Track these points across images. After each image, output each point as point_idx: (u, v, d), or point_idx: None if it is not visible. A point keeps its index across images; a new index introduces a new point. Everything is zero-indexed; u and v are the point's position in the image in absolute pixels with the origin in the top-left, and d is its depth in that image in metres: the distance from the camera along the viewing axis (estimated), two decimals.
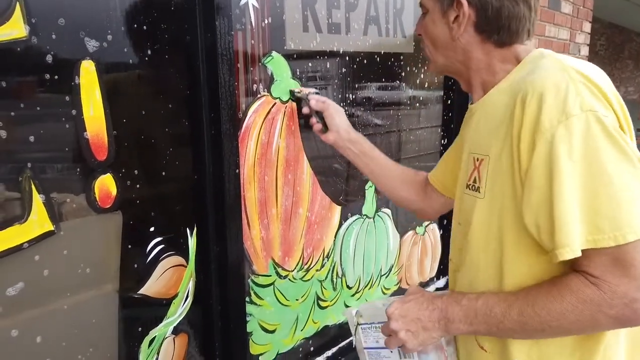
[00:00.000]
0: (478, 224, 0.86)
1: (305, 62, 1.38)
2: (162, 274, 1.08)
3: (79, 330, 0.96)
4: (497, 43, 0.88)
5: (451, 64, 0.94)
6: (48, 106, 0.89)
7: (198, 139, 1.11)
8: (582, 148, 0.72)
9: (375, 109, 1.70)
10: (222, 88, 1.08)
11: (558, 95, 0.74)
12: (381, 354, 0.92)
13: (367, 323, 0.94)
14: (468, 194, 0.89)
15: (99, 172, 0.94)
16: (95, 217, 0.95)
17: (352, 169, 1.63)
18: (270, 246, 1.34)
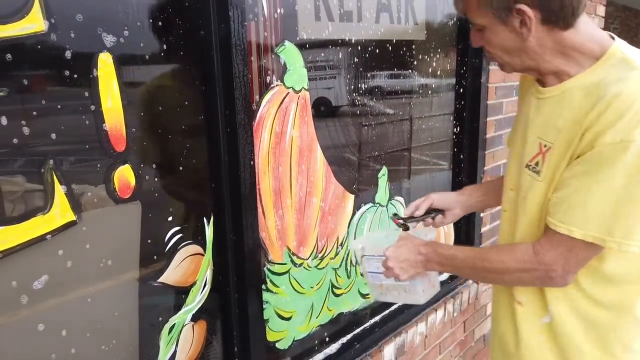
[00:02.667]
0: (534, 203, 0.99)
1: (317, 51, 1.39)
2: (180, 262, 1.10)
3: (101, 320, 0.98)
4: (563, 26, 0.91)
5: (527, 63, 0.97)
6: (67, 99, 0.90)
7: (213, 130, 1.12)
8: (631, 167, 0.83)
9: (387, 97, 1.70)
10: (236, 79, 1.09)
11: (632, 120, 0.82)
12: (380, 277, 1.18)
13: (370, 255, 1.22)
14: (527, 173, 1.00)
15: (118, 163, 0.96)
16: (115, 208, 0.97)
17: (365, 158, 1.64)
18: (285, 235, 1.35)
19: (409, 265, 1.11)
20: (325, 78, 1.46)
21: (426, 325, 1.85)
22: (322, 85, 1.44)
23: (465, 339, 2.16)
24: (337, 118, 1.55)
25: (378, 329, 1.67)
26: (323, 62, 1.43)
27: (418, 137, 1.90)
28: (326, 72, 1.45)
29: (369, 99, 1.61)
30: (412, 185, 1.91)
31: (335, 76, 1.49)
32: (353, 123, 1.58)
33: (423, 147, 1.94)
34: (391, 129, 1.75)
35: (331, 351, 1.52)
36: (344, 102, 1.54)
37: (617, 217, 0.86)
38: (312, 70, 1.36)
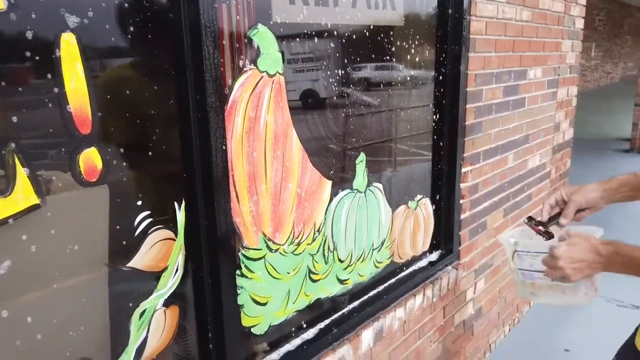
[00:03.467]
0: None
1: (292, 35, 1.37)
2: (150, 247, 1.09)
3: (69, 306, 0.97)
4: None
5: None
6: (29, 80, 0.89)
7: (184, 112, 1.10)
8: None
9: (364, 84, 1.70)
10: (206, 61, 1.08)
11: None
12: (534, 275, 1.12)
13: (523, 251, 1.14)
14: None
15: (84, 145, 0.95)
16: (81, 191, 0.96)
17: (342, 144, 1.64)
18: (261, 220, 1.35)
19: (584, 267, 1.03)
20: (299, 62, 1.45)
21: (405, 311, 1.87)
22: (297, 71, 1.44)
23: (444, 325, 2.18)
24: (314, 107, 1.54)
25: (356, 314, 1.68)
26: (298, 46, 1.41)
27: (396, 124, 1.90)
28: (303, 56, 1.44)
29: (345, 85, 1.60)
30: (391, 171, 1.91)
31: (310, 62, 1.48)
32: (330, 109, 1.58)
33: (402, 133, 1.94)
34: (369, 116, 1.75)
35: (309, 336, 1.53)
36: (320, 88, 1.53)
37: None
38: (288, 54, 1.35)
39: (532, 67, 2.62)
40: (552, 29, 2.75)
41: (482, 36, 2.12)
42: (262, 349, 1.43)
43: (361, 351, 1.66)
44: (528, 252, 1.12)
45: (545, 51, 2.73)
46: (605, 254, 1.01)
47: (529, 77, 2.62)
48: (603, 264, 1.02)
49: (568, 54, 3.04)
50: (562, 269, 1.03)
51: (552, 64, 2.86)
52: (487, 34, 2.16)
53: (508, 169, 2.58)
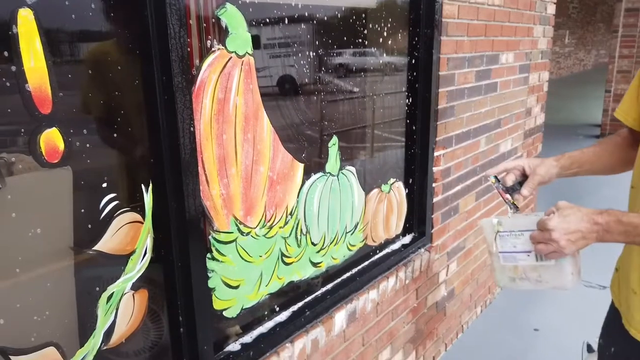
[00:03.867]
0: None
1: (261, 14, 1.35)
2: (117, 230, 1.07)
3: (32, 290, 0.95)
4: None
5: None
6: None
7: (150, 93, 1.08)
8: None
9: (336, 67, 1.69)
10: (172, 40, 1.06)
11: None
12: (517, 257, 1.06)
13: (506, 231, 1.07)
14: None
15: (45, 126, 0.92)
16: (43, 173, 0.93)
17: (314, 127, 1.63)
18: (232, 204, 1.34)
19: (579, 237, 0.98)
20: (270, 46, 1.44)
21: (378, 293, 1.89)
22: (268, 53, 1.42)
23: (417, 306, 2.22)
24: (284, 88, 1.53)
25: (330, 296, 1.69)
26: (268, 26, 1.40)
27: (370, 108, 1.91)
28: (273, 36, 1.43)
29: (318, 69, 1.59)
30: (365, 155, 1.92)
31: (286, 47, 1.47)
32: (302, 93, 1.57)
33: (376, 117, 1.94)
34: (342, 100, 1.75)
35: (281, 319, 1.54)
36: (295, 73, 1.52)
37: None
38: (257, 35, 1.33)
39: (504, 51, 2.65)
40: (524, 14, 2.79)
41: (454, 20, 2.13)
42: (234, 331, 1.43)
43: (334, 333, 1.68)
44: (511, 232, 1.06)
45: (517, 36, 2.76)
46: (603, 222, 0.97)
47: (501, 62, 2.65)
48: (598, 233, 0.97)
49: (540, 39, 3.08)
50: (556, 241, 0.98)
51: (524, 49, 2.89)
52: (459, 18, 2.17)
53: (480, 153, 2.62)
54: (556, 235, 0.98)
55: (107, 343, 1.09)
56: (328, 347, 1.67)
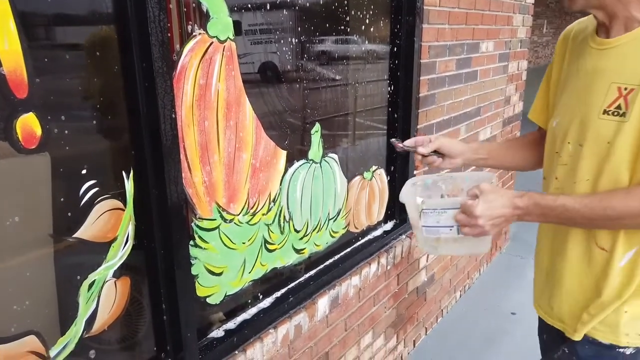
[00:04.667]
0: (624, 145, 0.99)
1: (247, 4, 1.34)
2: (97, 217, 1.06)
3: (12, 278, 0.94)
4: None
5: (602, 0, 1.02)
6: None
7: (130, 77, 1.06)
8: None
9: (321, 56, 1.68)
10: (151, 24, 1.04)
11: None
12: (440, 230, 1.11)
13: (430, 209, 1.11)
14: (606, 119, 1.01)
15: (21, 110, 0.90)
16: (19, 159, 0.91)
17: (297, 115, 1.63)
18: (214, 191, 1.33)
19: (502, 221, 1.05)
20: (252, 32, 1.42)
21: (360, 279, 1.91)
22: (249, 40, 1.41)
23: (399, 291, 2.26)
24: (266, 75, 1.52)
25: (312, 282, 1.70)
26: (249, 10, 1.38)
27: (352, 96, 1.91)
28: (258, 28, 1.41)
29: (300, 56, 1.58)
30: (347, 142, 1.92)
31: (268, 33, 1.45)
32: (285, 81, 1.56)
33: (358, 105, 1.95)
34: (325, 87, 1.74)
35: (265, 305, 1.54)
36: (273, 58, 1.51)
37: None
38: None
39: (484, 40, 2.67)
40: (504, 2, 2.81)
41: (436, 7, 2.14)
42: (218, 318, 1.43)
43: (317, 318, 1.70)
44: (435, 210, 1.10)
45: (497, 25, 2.79)
46: (523, 206, 1.03)
47: (481, 50, 2.67)
48: (519, 216, 1.05)
49: (519, 28, 3.12)
50: (481, 227, 1.03)
51: (504, 37, 2.92)
52: (440, 6, 2.17)
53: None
54: (481, 222, 1.03)
55: (89, 331, 1.08)
56: (311, 332, 1.69)
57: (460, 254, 1.19)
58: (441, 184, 1.28)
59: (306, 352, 1.68)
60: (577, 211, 1.00)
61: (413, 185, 1.27)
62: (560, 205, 1.01)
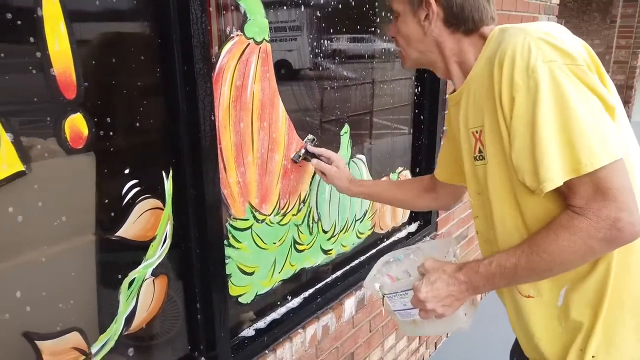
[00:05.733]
0: (493, 187, 0.96)
1: (282, 6, 1.34)
2: (138, 216, 1.07)
3: (58, 277, 0.95)
4: (465, 32, 0.98)
5: (425, 56, 1.04)
6: (11, 41, 0.84)
7: (171, 79, 1.07)
8: (549, 93, 0.82)
9: (350, 56, 1.68)
10: (194, 25, 1.05)
11: (523, 54, 0.84)
12: (411, 312, 1.05)
13: (391, 293, 1.07)
14: (478, 164, 0.99)
15: (69, 111, 0.91)
16: (67, 158, 0.93)
17: (326, 116, 1.63)
18: (248, 191, 1.34)
19: (453, 300, 0.96)
20: (286, 40, 1.43)
21: None
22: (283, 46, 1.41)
23: None
24: (297, 78, 1.52)
25: (339, 283, 1.71)
26: (285, 13, 1.38)
27: (379, 96, 1.90)
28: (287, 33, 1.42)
29: (330, 57, 1.58)
30: (373, 143, 1.92)
31: (296, 36, 1.46)
32: (316, 85, 1.56)
33: (385, 106, 1.94)
34: (353, 88, 1.74)
35: (293, 305, 1.55)
36: (305, 61, 1.51)
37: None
38: (272, 30, 1.32)
39: None
40: (529, 3, 2.78)
41: None
42: (248, 317, 1.44)
43: (344, 319, 1.70)
44: (396, 293, 1.05)
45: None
46: (465, 279, 0.94)
47: None
48: (470, 290, 0.95)
49: None
50: (433, 310, 0.96)
51: None
52: None
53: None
54: (430, 305, 0.96)
55: (127, 328, 1.09)
56: (337, 332, 1.69)
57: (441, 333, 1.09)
58: (414, 257, 1.20)
59: (332, 352, 1.68)
60: (513, 267, 0.89)
61: (386, 263, 1.21)
62: (497, 266, 0.91)
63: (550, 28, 0.90)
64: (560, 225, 0.84)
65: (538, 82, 0.82)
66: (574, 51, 0.85)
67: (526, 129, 0.84)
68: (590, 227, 0.81)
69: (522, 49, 0.84)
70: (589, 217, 0.81)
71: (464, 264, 0.97)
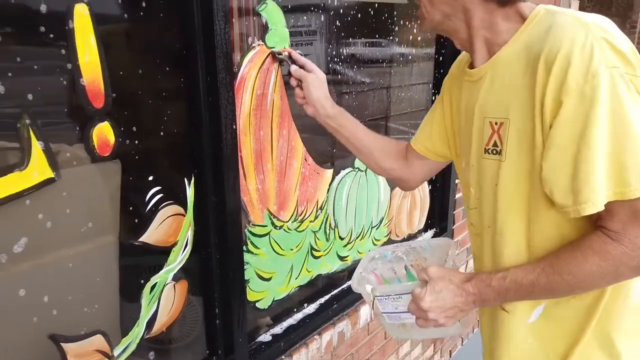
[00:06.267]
0: (505, 186, 0.88)
1: (299, 11, 1.36)
2: (161, 222, 1.09)
3: (83, 281, 0.98)
4: (500, 2, 0.85)
5: (447, 21, 0.91)
6: (43, 53, 0.87)
7: (194, 88, 1.10)
8: (608, 104, 0.73)
9: (367, 64, 1.69)
10: (217, 36, 1.07)
11: (583, 54, 0.74)
12: (401, 316, 1.00)
13: (383, 295, 1.01)
14: (488, 158, 0.91)
15: (97, 119, 0.94)
16: (94, 166, 0.96)
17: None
18: (266, 198, 1.36)
19: (457, 311, 0.90)
20: (303, 44, 1.44)
21: None
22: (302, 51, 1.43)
23: None
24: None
25: None
26: (305, 22, 1.40)
27: (397, 103, 1.91)
28: (308, 32, 1.43)
29: (348, 65, 1.60)
30: None
31: (312, 40, 1.47)
32: (332, 90, 1.58)
33: (402, 112, 1.95)
34: (371, 96, 1.75)
35: (310, 311, 1.56)
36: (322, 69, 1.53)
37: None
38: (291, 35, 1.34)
39: None
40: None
41: None
42: (265, 323, 1.45)
43: (359, 325, 1.71)
44: (388, 296, 1.00)
45: None
46: (475, 291, 0.88)
47: None
48: (477, 302, 0.90)
49: None
50: (434, 320, 0.91)
51: None
52: None
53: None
54: (433, 315, 0.90)
55: (149, 332, 1.12)
56: (353, 339, 1.70)
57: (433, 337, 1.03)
58: (402, 255, 1.15)
59: (348, 358, 1.69)
60: (532, 284, 0.84)
61: (372, 259, 1.16)
62: (512, 282, 0.85)
63: (608, 24, 0.79)
64: (590, 249, 0.78)
65: (597, 89, 0.73)
66: (634, 58, 0.76)
67: (571, 140, 0.75)
68: (624, 254, 0.76)
69: (582, 48, 0.74)
70: (624, 245, 0.76)
71: (472, 274, 0.92)
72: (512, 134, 0.85)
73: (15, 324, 0.88)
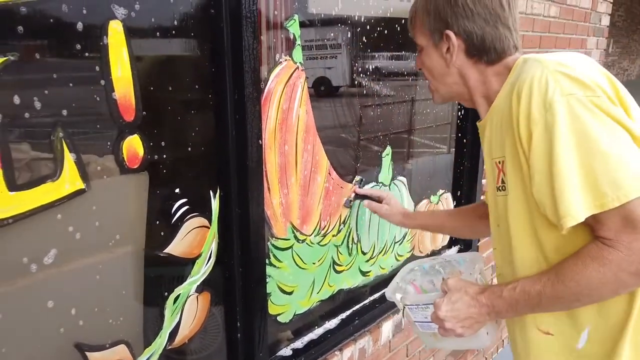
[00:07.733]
0: (513, 219, 0.95)
1: (326, 27, 1.37)
2: (186, 234, 1.11)
3: (109, 291, 0.99)
4: (488, 62, 0.98)
5: (452, 89, 1.04)
6: (77, 67, 0.90)
7: (222, 103, 1.11)
8: (568, 127, 0.80)
9: (392, 78, 1.69)
10: (245, 51, 1.08)
11: (540, 88, 0.84)
12: (432, 325, 1.04)
13: (413, 305, 1.08)
14: (499, 195, 0.98)
15: (127, 132, 0.96)
16: (123, 177, 0.98)
17: (368, 138, 1.64)
18: (290, 211, 1.36)
19: (473, 322, 0.95)
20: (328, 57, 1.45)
21: None
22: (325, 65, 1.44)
23: None
24: (339, 98, 1.54)
25: (377, 305, 1.69)
26: (332, 38, 1.41)
27: (421, 119, 1.90)
28: (334, 48, 1.44)
29: (373, 79, 1.60)
30: (414, 165, 1.91)
31: (337, 55, 1.48)
32: (357, 103, 1.58)
33: (427, 129, 1.94)
34: (396, 110, 1.75)
35: (331, 326, 1.55)
36: (347, 82, 1.54)
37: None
38: (316, 49, 1.35)
39: None
40: (578, 25, 2.72)
41: None
42: (286, 336, 1.45)
43: (381, 342, 1.69)
44: (417, 305, 1.05)
45: (570, 48, 2.70)
46: (488, 303, 0.93)
47: None
48: (491, 314, 0.94)
49: (592, 51, 3.00)
50: (452, 330, 0.96)
51: None
52: None
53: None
54: (449, 325, 0.96)
55: (171, 343, 1.12)
56: (374, 356, 1.68)
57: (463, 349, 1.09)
58: (439, 268, 1.21)
59: None
60: (539, 293, 0.87)
61: (410, 271, 1.23)
62: (521, 292, 0.89)
63: (568, 59, 0.89)
64: (588, 255, 0.82)
65: (555, 116, 0.81)
66: (592, 82, 0.83)
67: (544, 164, 0.83)
68: (622, 260, 0.79)
69: (539, 82, 0.84)
70: (620, 250, 0.79)
71: (487, 286, 0.97)
72: (509, 169, 0.93)
73: (42, 332, 0.90)
